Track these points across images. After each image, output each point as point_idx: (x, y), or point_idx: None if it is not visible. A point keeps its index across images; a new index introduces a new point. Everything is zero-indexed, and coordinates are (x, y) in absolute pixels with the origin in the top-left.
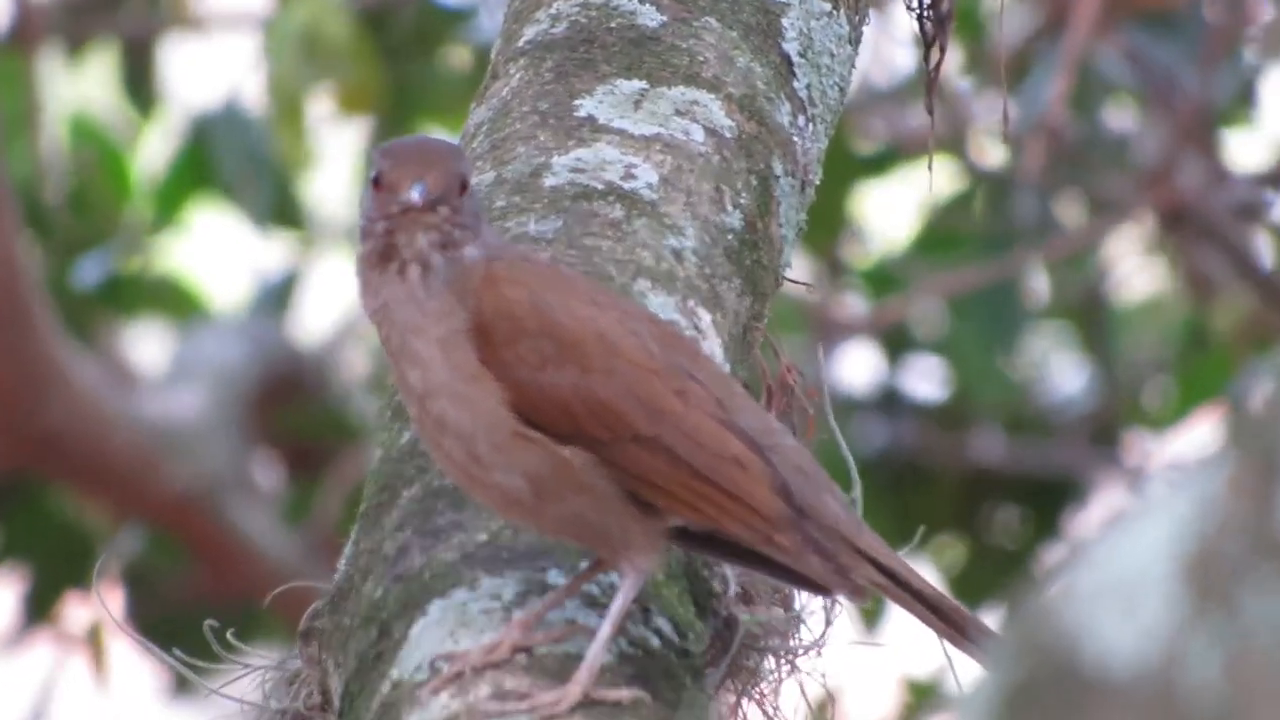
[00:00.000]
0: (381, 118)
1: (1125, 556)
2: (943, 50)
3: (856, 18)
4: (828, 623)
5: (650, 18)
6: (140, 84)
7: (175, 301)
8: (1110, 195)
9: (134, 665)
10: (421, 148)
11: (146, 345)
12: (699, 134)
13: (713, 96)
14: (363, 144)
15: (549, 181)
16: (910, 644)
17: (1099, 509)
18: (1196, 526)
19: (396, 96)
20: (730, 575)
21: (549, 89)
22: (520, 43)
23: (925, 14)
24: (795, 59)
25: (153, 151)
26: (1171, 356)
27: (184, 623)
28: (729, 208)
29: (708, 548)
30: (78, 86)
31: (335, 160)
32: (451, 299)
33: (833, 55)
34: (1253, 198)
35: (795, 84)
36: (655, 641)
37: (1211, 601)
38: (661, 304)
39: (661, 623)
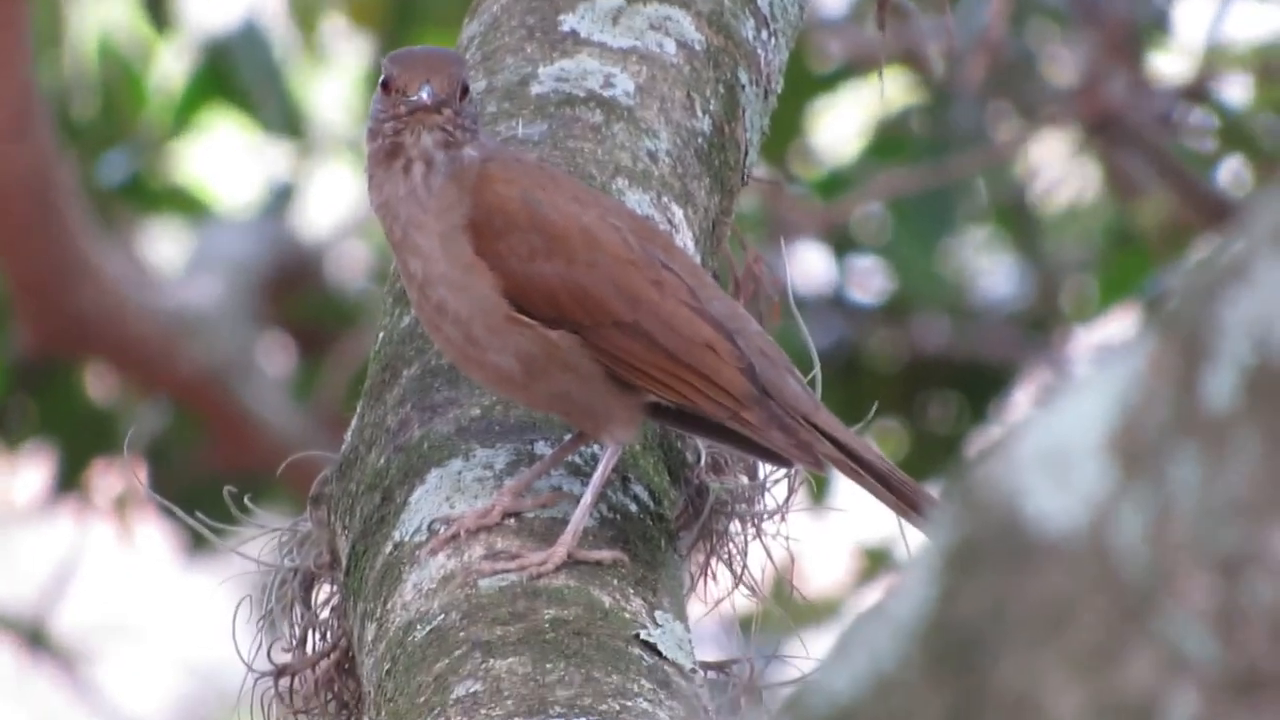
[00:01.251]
0: (385, 33)
1: (1059, 428)
2: None
3: None
4: (790, 490)
5: None
6: (158, 6)
7: (189, 203)
8: (1039, 106)
9: (153, 532)
10: (428, 55)
11: (162, 243)
12: (671, 46)
13: (684, 12)
14: (366, 57)
15: (535, 89)
16: (860, 513)
17: (1026, 395)
18: (1123, 401)
19: (400, 11)
20: (701, 447)
21: (535, 5)
22: None
23: None
24: None
25: (168, 68)
26: (1095, 256)
27: (200, 492)
28: (699, 113)
29: (680, 423)
30: (101, 7)
31: (340, 73)
32: (451, 195)
33: None
34: (1172, 108)
35: (759, 1)
36: (633, 507)
37: (1137, 470)
38: (638, 200)
39: (639, 490)
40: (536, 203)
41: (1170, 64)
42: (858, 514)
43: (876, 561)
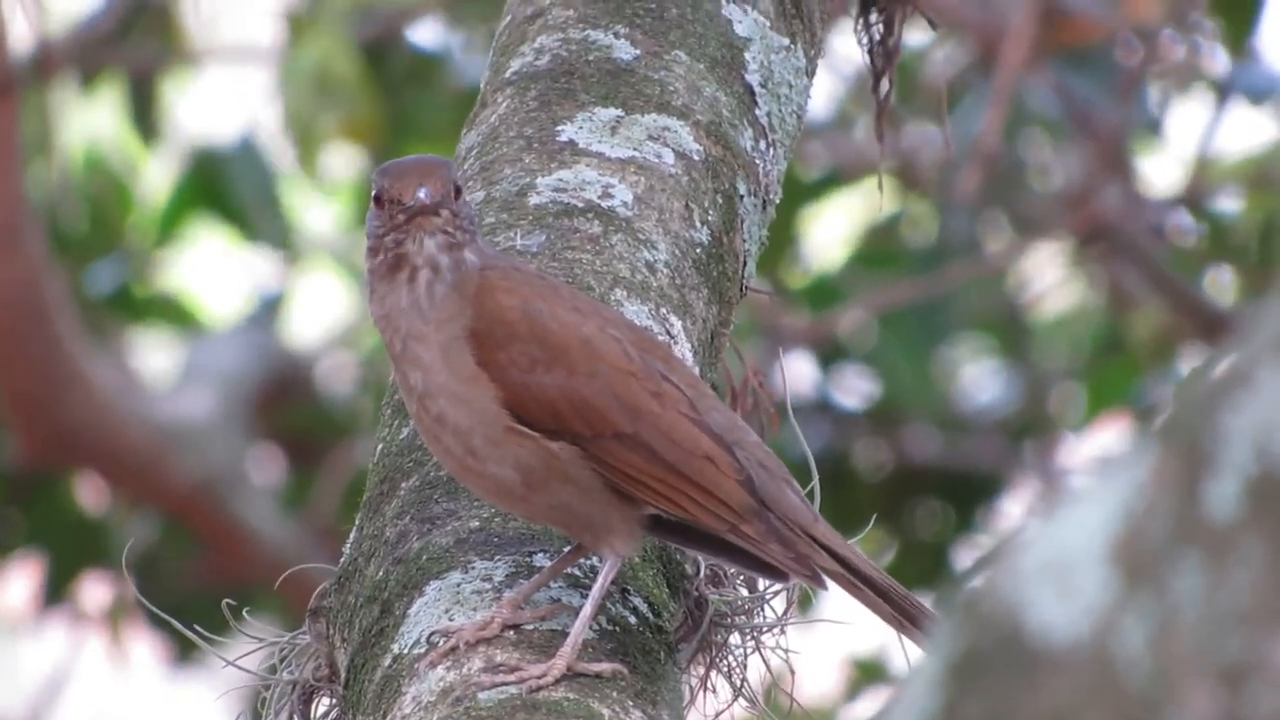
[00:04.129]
0: (377, 147)
1: (1061, 538)
2: (891, 82)
3: (813, 51)
4: (789, 603)
5: (625, 51)
6: (144, 115)
7: (176, 314)
8: (1033, 216)
9: (142, 643)
10: (417, 162)
11: (151, 353)
12: (670, 157)
13: (682, 123)
14: (354, 171)
15: (534, 200)
16: (851, 625)
17: (1014, 503)
18: (1125, 510)
19: (392, 127)
20: (700, 559)
21: (533, 116)
22: (507, 74)
23: (875, 48)
24: (757, 89)
25: (155, 177)
26: (1083, 365)
27: (189, 604)
28: (697, 224)
29: (679, 536)
30: (89, 116)
31: (331, 186)
32: (453, 304)
33: (791, 85)
34: (1165, 218)
35: (757, 111)
36: (633, 619)
37: (1140, 581)
38: (636, 311)
39: (638, 602)
40: (537, 313)
41: (1162, 173)
42: (849, 626)
43: (868, 673)
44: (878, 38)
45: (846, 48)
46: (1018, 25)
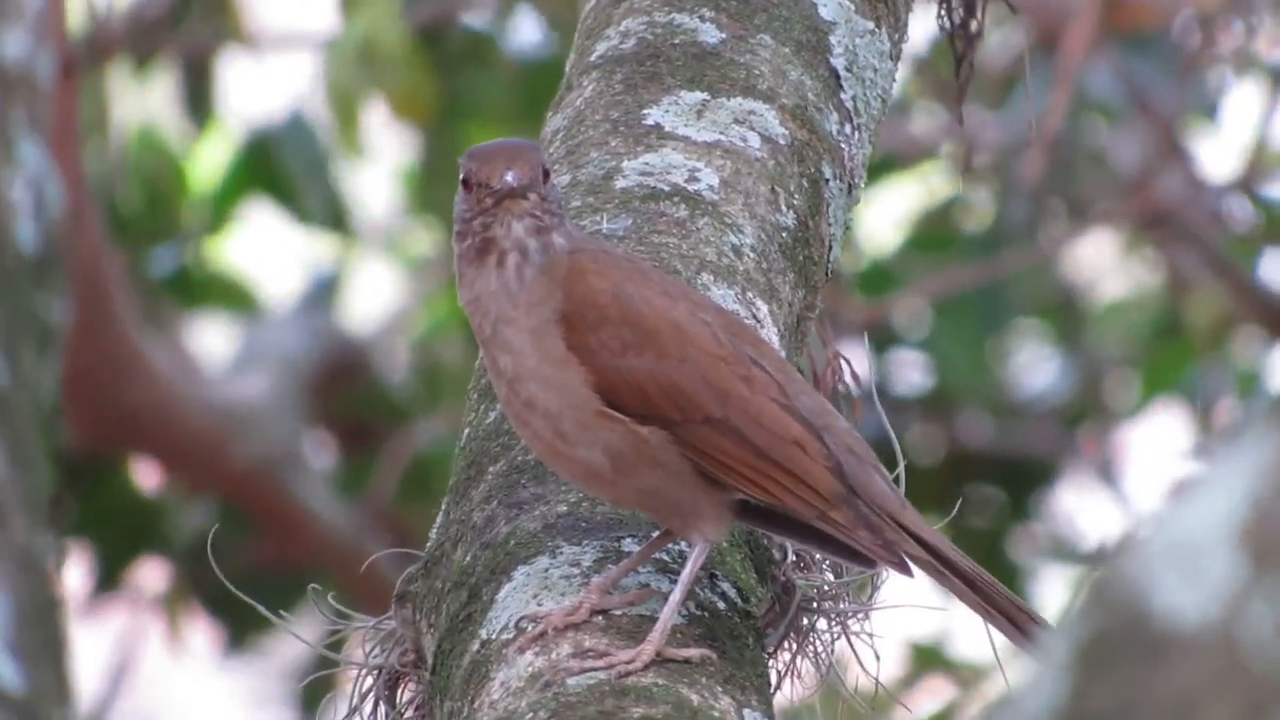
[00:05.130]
0: (431, 127)
1: (1189, 522)
2: (971, 66)
3: (897, 35)
4: (874, 588)
5: (710, 35)
6: (199, 99)
7: (234, 296)
8: (1090, 201)
9: (190, 628)
10: (504, 146)
11: (207, 336)
12: (756, 141)
13: (768, 106)
14: (410, 151)
15: (620, 184)
16: (942, 609)
17: (1068, 491)
18: (1252, 495)
19: (447, 106)
20: (788, 544)
21: (619, 99)
22: (592, 57)
23: (957, 32)
24: (842, 73)
25: (210, 160)
26: (1139, 351)
27: (246, 589)
28: (783, 208)
29: (766, 522)
30: (144, 99)
31: (383, 165)
32: (542, 288)
33: (875, 70)
34: (1222, 203)
35: (842, 95)
36: (721, 604)
37: (1268, 564)
38: (723, 295)
39: (726, 587)
40: (628, 296)
41: (1220, 159)
42: (927, 611)
43: (927, 658)
44: (959, 21)
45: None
46: (1082, 8)
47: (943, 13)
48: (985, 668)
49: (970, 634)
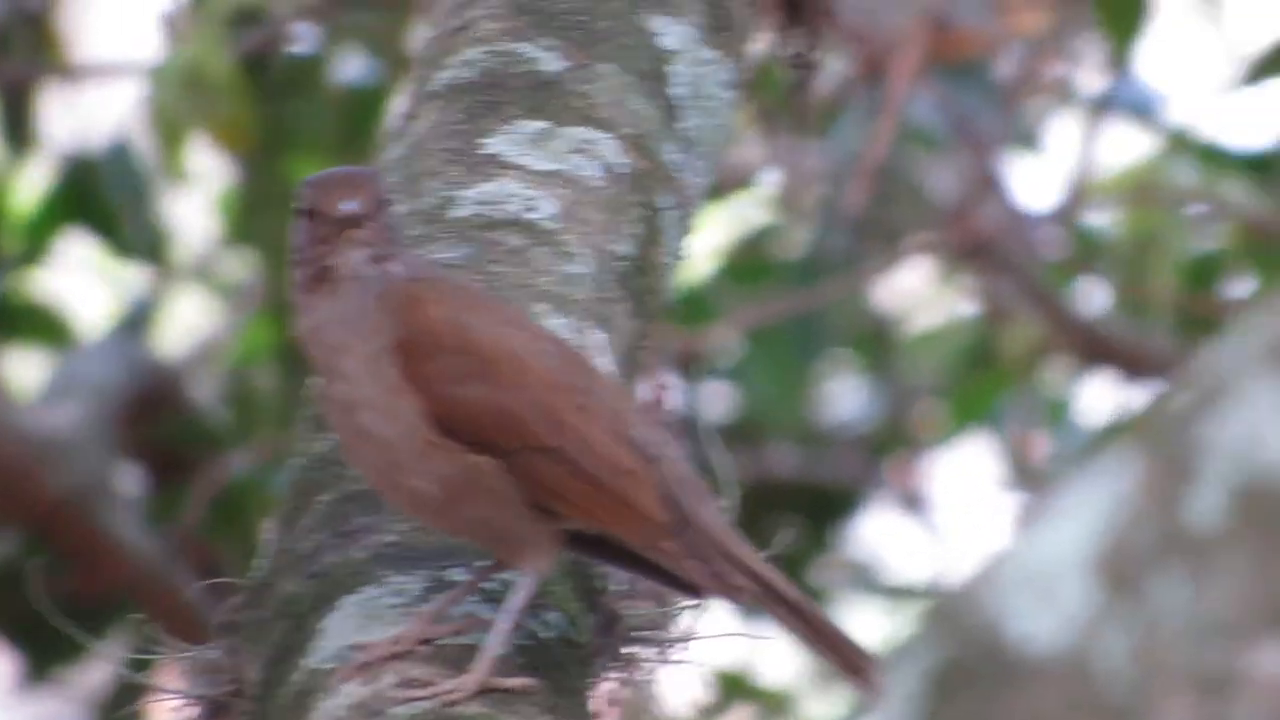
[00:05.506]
0: (253, 155)
1: (1043, 548)
2: (810, 95)
3: (738, 65)
4: (698, 618)
5: (552, 64)
6: (18, 127)
7: (47, 328)
8: (907, 230)
9: None
10: (344, 174)
11: (20, 366)
12: (594, 170)
13: (607, 135)
14: (230, 180)
15: (457, 213)
16: (768, 639)
17: (870, 521)
18: (1108, 521)
19: (270, 135)
20: (614, 573)
21: (459, 128)
22: (433, 86)
23: (796, 62)
24: (683, 102)
25: (28, 189)
26: (948, 380)
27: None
28: (620, 237)
29: (596, 551)
30: None
31: (202, 193)
32: (379, 316)
33: (716, 99)
34: (1041, 232)
35: (682, 125)
36: (546, 634)
37: (1122, 591)
38: (558, 324)
39: (552, 616)
40: (464, 325)
41: (1040, 188)
42: (737, 640)
43: (734, 686)
44: (798, 51)
45: None
46: (909, 37)
47: (782, 42)
48: (790, 695)
49: (776, 662)
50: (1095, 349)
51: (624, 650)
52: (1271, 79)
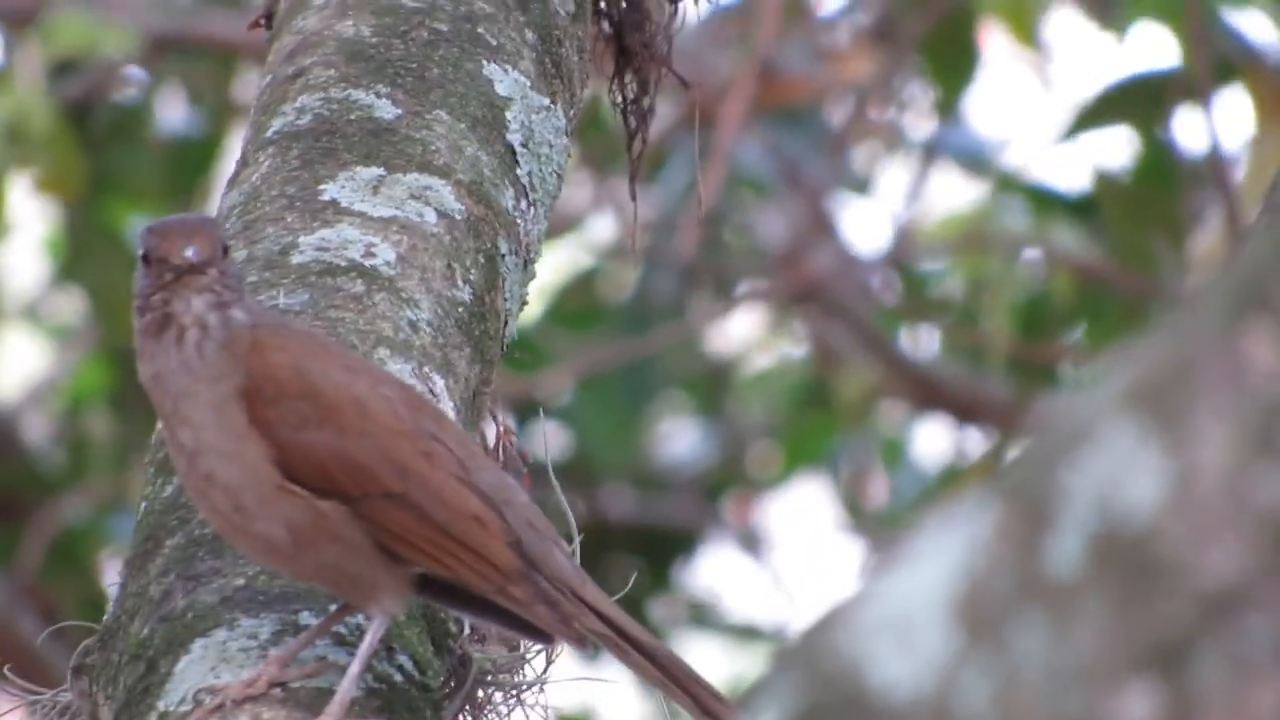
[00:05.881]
0: (78, 201)
1: (901, 592)
2: (644, 141)
3: (572, 111)
4: (549, 661)
5: (386, 111)
6: None
7: None
8: (736, 275)
9: None
10: (183, 222)
11: None
12: (432, 216)
13: (444, 182)
14: (56, 223)
15: (296, 259)
16: (614, 683)
17: (707, 562)
18: (966, 566)
19: (94, 181)
20: (465, 617)
21: (295, 175)
22: (269, 133)
23: (629, 108)
24: (518, 149)
25: None
26: (781, 421)
27: None
28: (460, 283)
29: (446, 596)
30: None
31: (23, 239)
32: (223, 363)
33: (551, 145)
34: (872, 277)
35: (518, 171)
36: (398, 677)
37: (982, 637)
38: (399, 370)
39: (404, 660)
40: (308, 371)
41: (870, 233)
42: (603, 684)
43: None
44: (631, 97)
45: None
46: (737, 82)
47: (614, 88)
48: None
49: (623, 705)
50: (928, 393)
51: (476, 693)
52: (1094, 128)
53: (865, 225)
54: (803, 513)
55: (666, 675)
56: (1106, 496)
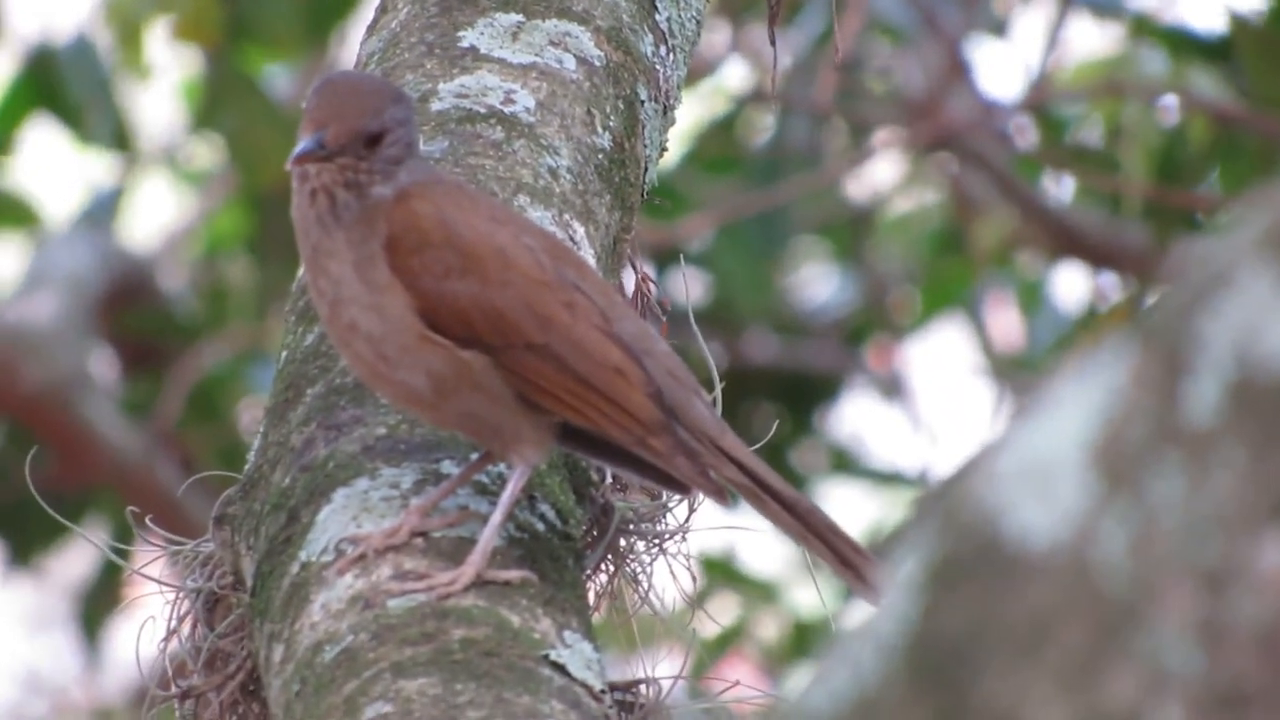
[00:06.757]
0: (216, 48)
1: (1040, 442)
2: None
3: None
4: (691, 510)
5: None
6: None
7: (17, 216)
8: (874, 122)
9: None
10: (338, 95)
11: None
12: (571, 63)
13: (583, 28)
14: (193, 69)
15: (435, 106)
16: (757, 532)
17: (848, 408)
18: (1104, 414)
19: (231, 27)
20: (606, 467)
21: (434, 21)
22: None
23: None
24: None
25: None
26: (920, 267)
27: (30, 508)
28: (599, 130)
29: (586, 446)
30: None
31: (166, 82)
32: (363, 225)
33: None
34: (1009, 123)
35: (657, 17)
36: (540, 526)
37: (1119, 485)
38: (539, 217)
39: (546, 509)
40: (451, 221)
41: (1007, 79)
42: (747, 532)
43: (720, 572)
44: None
45: None
46: None
47: None
48: (777, 586)
49: (758, 552)
50: (1065, 240)
51: (618, 542)
52: None
53: (1002, 71)
54: (941, 357)
55: (805, 526)
56: (1243, 342)
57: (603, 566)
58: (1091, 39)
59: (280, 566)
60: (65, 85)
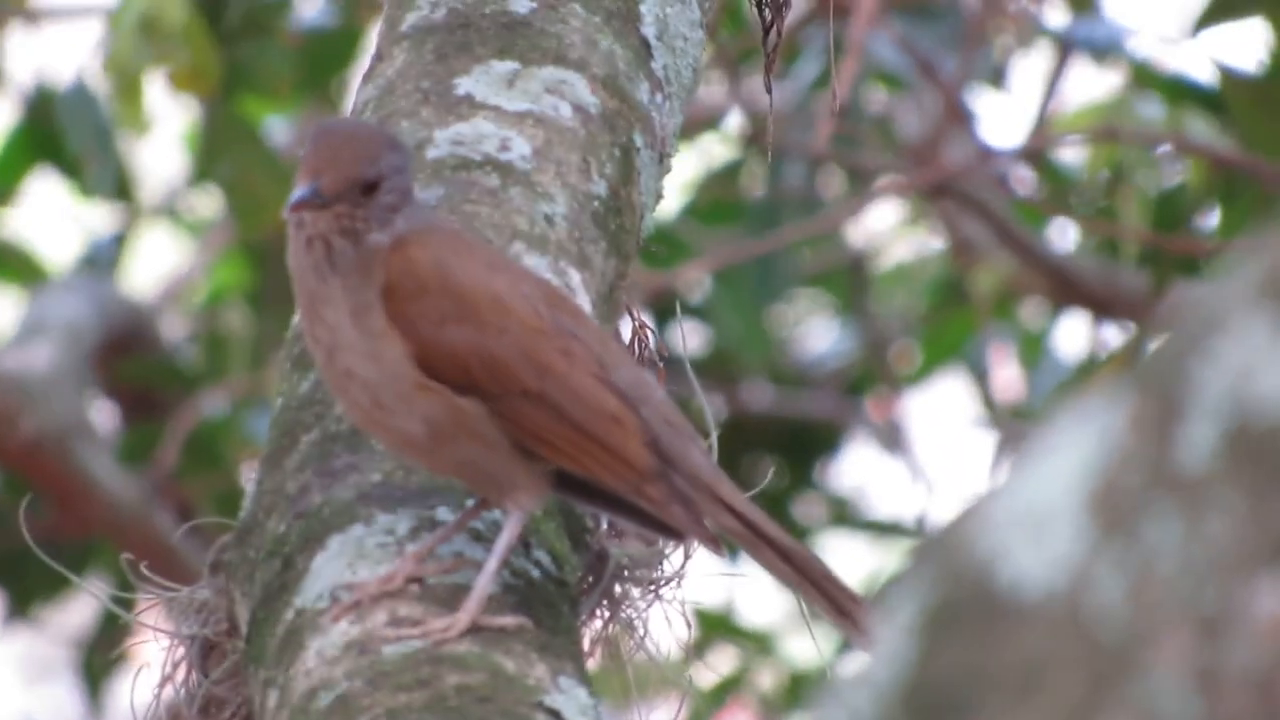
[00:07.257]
0: (213, 98)
1: (1035, 487)
2: (780, 34)
3: (706, 4)
4: (686, 557)
5: (521, 4)
6: None
7: (18, 267)
8: (870, 169)
9: None
10: (333, 143)
11: None
12: (567, 110)
13: (579, 76)
14: (190, 117)
15: (431, 153)
16: (752, 578)
17: (848, 459)
18: (1100, 460)
19: (228, 77)
20: (601, 514)
21: (430, 69)
22: (403, 27)
23: (764, 1)
24: (653, 42)
25: None
26: (920, 317)
27: (27, 559)
28: (595, 177)
29: (582, 494)
30: None
31: (163, 134)
32: (359, 275)
33: (685, 39)
34: (1008, 170)
35: (653, 64)
36: (535, 573)
37: (1115, 531)
38: (535, 264)
39: (541, 556)
40: (447, 267)
41: (1006, 126)
42: (737, 579)
43: (716, 626)
44: None
45: None
46: None
47: None
48: (772, 636)
49: (755, 602)
50: (1066, 287)
51: (614, 589)
52: (1226, 21)
53: (1001, 118)
54: (942, 408)
55: (802, 574)
56: (1239, 388)
57: (598, 613)
58: (1090, 86)
59: (275, 613)
60: (65, 135)
